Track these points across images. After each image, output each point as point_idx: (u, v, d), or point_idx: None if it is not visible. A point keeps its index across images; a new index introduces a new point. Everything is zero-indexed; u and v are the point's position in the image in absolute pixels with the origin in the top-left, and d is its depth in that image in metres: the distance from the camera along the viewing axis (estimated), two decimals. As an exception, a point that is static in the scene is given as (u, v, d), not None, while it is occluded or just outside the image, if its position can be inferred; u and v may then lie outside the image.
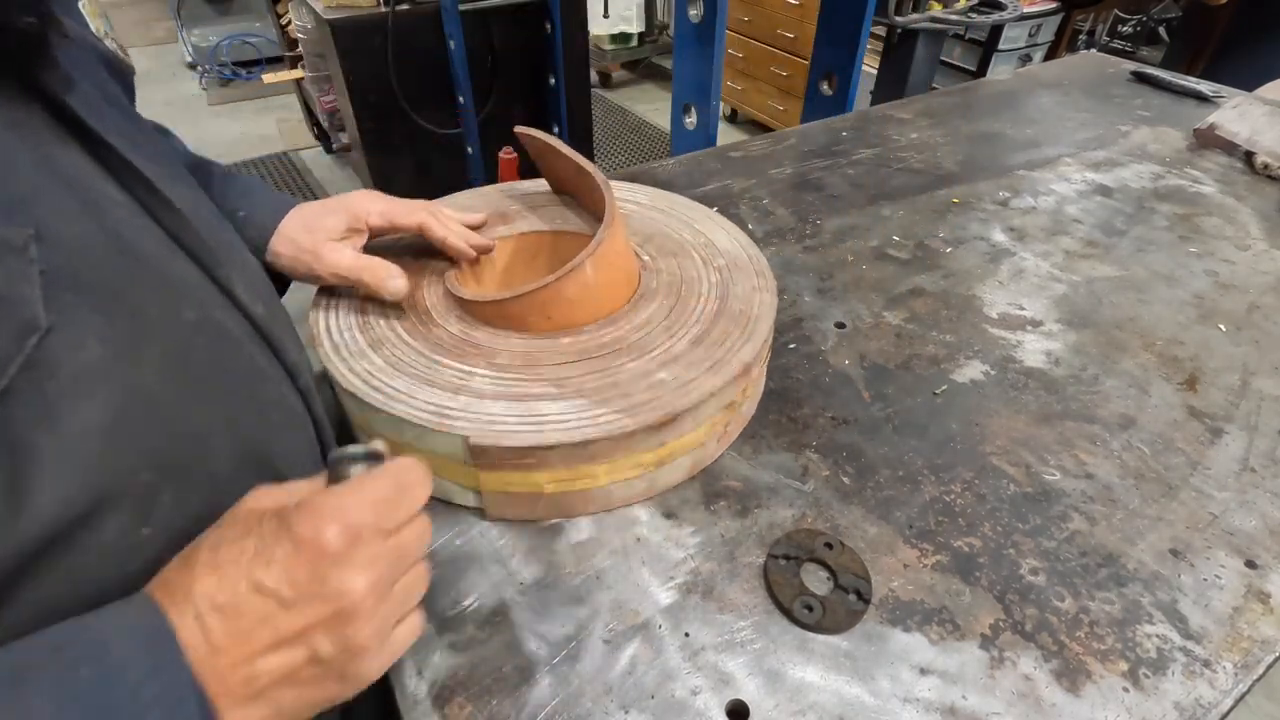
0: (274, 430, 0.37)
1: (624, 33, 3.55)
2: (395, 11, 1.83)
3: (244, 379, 0.35)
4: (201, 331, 0.32)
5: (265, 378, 0.37)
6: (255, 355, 0.36)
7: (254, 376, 0.36)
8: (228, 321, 0.35)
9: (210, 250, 0.34)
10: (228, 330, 0.34)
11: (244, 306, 0.36)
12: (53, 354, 0.25)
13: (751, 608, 0.45)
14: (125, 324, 0.28)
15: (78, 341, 0.26)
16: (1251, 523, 0.51)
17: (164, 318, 0.30)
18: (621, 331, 0.53)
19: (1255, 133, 0.99)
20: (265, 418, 0.36)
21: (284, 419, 0.38)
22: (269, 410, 0.37)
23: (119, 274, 0.28)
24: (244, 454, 0.34)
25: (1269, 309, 0.72)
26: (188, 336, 0.31)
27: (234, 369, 0.34)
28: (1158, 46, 2.79)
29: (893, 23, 1.48)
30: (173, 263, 0.32)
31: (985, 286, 0.74)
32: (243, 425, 0.34)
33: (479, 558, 0.47)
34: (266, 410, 0.36)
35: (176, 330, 0.31)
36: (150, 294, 0.30)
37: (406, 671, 0.41)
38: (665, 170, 0.95)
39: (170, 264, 0.32)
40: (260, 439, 0.35)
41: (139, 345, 0.28)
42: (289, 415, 0.39)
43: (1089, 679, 0.41)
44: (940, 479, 0.53)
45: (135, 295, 0.29)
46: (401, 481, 0.31)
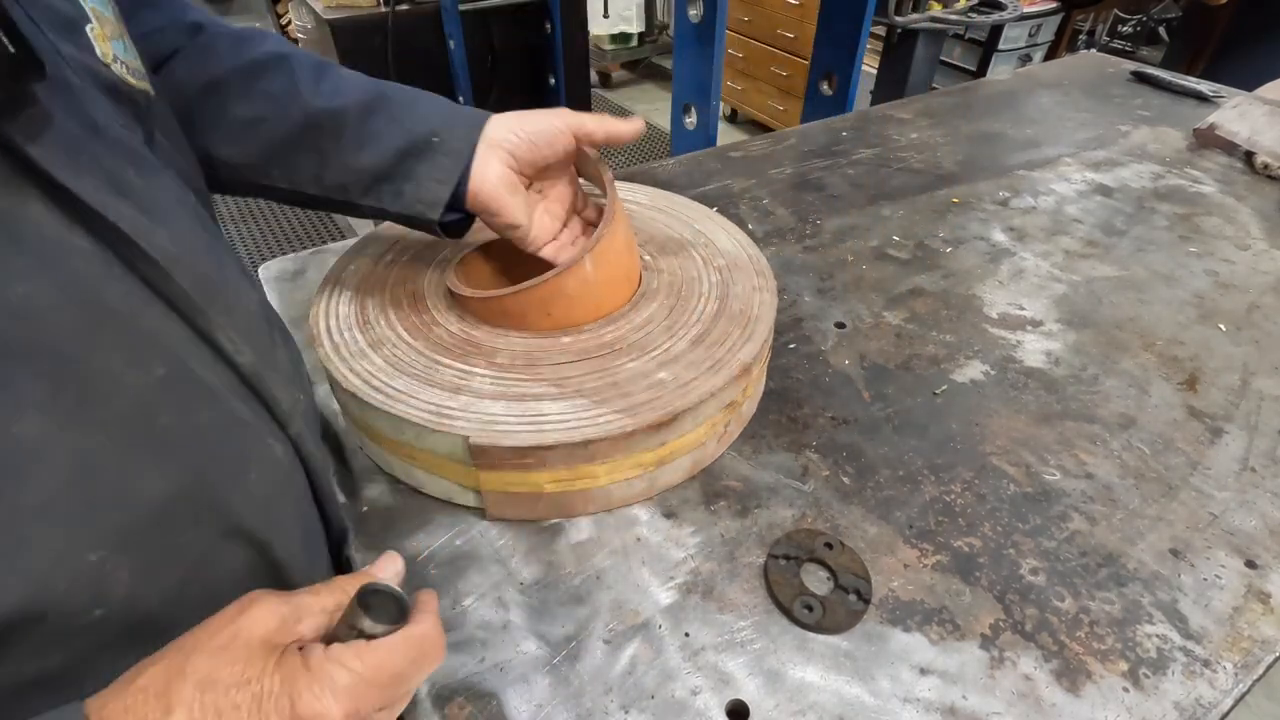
0: (254, 489, 0.34)
1: (624, 33, 3.55)
2: (395, 11, 1.83)
3: (220, 436, 0.32)
4: (172, 388, 0.30)
5: (248, 432, 0.34)
6: (237, 408, 0.34)
7: (233, 433, 0.33)
8: (206, 374, 0.32)
9: (191, 299, 0.31)
10: (205, 384, 0.32)
11: (228, 356, 0.34)
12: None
13: (751, 608, 0.45)
14: (75, 388, 0.26)
15: (11, 415, 0.24)
16: (1251, 523, 0.51)
17: (126, 376, 0.28)
18: (622, 331, 0.53)
19: (1255, 133, 0.99)
20: (243, 477, 0.34)
21: (268, 475, 0.36)
22: (249, 468, 0.34)
23: (72, 333, 0.26)
24: (217, 520, 0.32)
25: (1269, 309, 0.72)
26: (154, 395, 0.29)
27: (208, 426, 0.32)
28: (1158, 46, 2.79)
29: (893, 23, 1.48)
30: (145, 315, 0.30)
31: (985, 286, 0.74)
32: (216, 489, 0.32)
33: (479, 558, 0.47)
34: (245, 468, 0.34)
35: (141, 389, 0.28)
36: (111, 352, 0.27)
37: (406, 671, 0.41)
38: (665, 170, 0.95)
39: (142, 316, 0.30)
40: (236, 501, 0.33)
41: (92, 410, 0.26)
42: (274, 470, 0.36)
43: (1089, 679, 0.41)
44: (940, 479, 0.53)
45: (92, 355, 0.27)
46: (421, 656, 0.29)
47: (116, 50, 0.34)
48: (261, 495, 0.35)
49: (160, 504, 0.29)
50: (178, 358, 0.31)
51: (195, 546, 0.30)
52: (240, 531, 0.33)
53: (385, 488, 0.52)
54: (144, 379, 0.28)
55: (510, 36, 2.06)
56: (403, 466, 0.51)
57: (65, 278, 0.26)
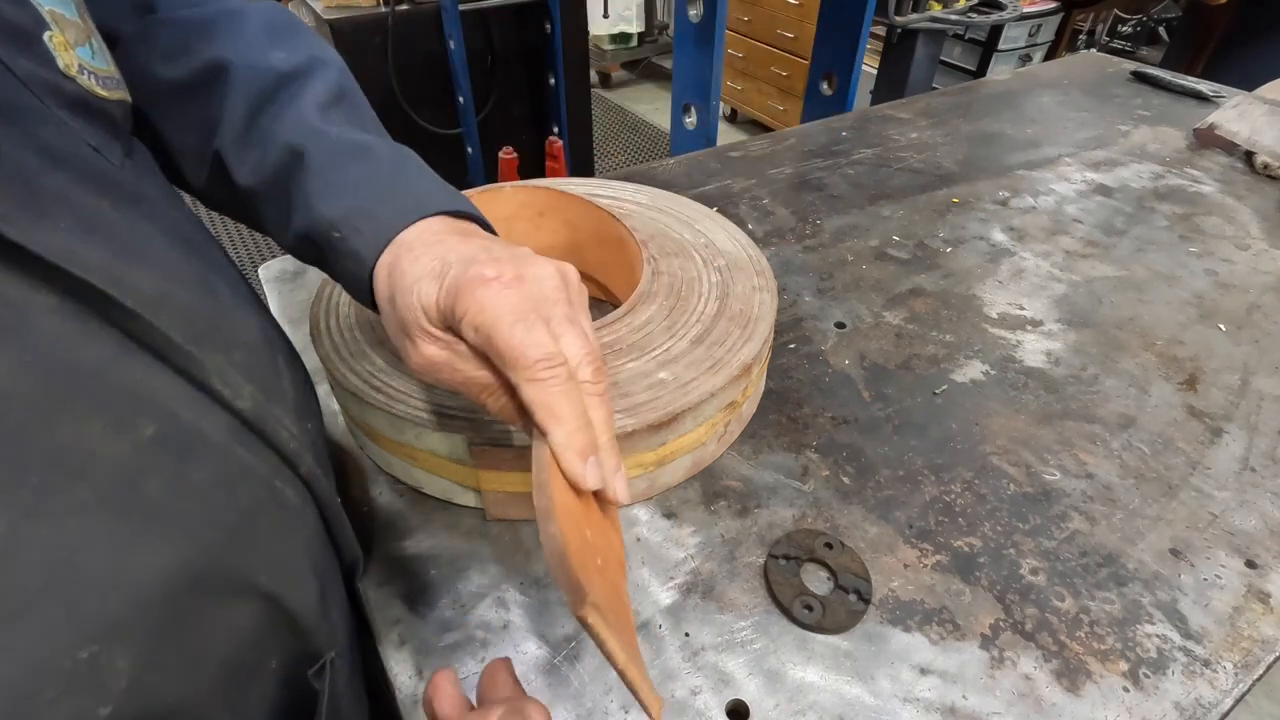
0: (264, 542, 0.31)
1: (624, 33, 3.55)
2: (395, 11, 1.83)
3: (223, 492, 0.29)
4: (163, 448, 0.26)
5: (253, 481, 0.31)
6: (240, 456, 0.30)
7: (236, 486, 0.30)
8: (202, 423, 0.29)
9: (179, 346, 0.28)
10: (201, 434, 0.28)
11: (225, 401, 0.30)
12: None
13: (751, 608, 0.45)
14: (42, 475, 0.22)
15: None
16: (1251, 522, 0.51)
17: (106, 445, 0.24)
18: (621, 331, 0.53)
19: (1255, 132, 0.99)
20: (251, 532, 0.30)
21: (278, 523, 0.32)
22: (257, 520, 0.31)
23: (35, 408, 0.23)
24: (224, 584, 0.29)
25: (1269, 309, 0.72)
26: (141, 460, 0.25)
27: (208, 484, 0.28)
28: (1158, 46, 2.80)
29: (892, 23, 1.47)
30: (128, 371, 0.26)
31: (985, 286, 0.74)
32: (221, 550, 0.28)
33: (479, 558, 0.47)
34: (253, 521, 0.31)
35: (123, 457, 0.25)
36: (86, 421, 0.24)
37: (406, 672, 0.41)
38: (665, 170, 0.95)
39: (124, 372, 0.26)
40: (244, 559, 0.30)
41: (64, 492, 0.23)
42: (284, 516, 0.33)
43: (1089, 679, 0.41)
44: (940, 479, 0.53)
45: (62, 430, 0.23)
46: None
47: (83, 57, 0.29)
48: (272, 546, 0.32)
49: (157, 581, 0.25)
50: (168, 412, 0.27)
51: (201, 615, 0.27)
52: (250, 589, 0.30)
53: (385, 488, 0.52)
54: (127, 445, 0.25)
55: (510, 36, 2.06)
56: (403, 466, 0.51)
57: (27, 344, 0.23)
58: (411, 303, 0.33)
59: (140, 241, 0.29)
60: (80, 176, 0.27)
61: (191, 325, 0.28)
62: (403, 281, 0.34)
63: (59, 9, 0.29)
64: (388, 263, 0.35)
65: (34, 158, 0.25)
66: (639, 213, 0.68)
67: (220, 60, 0.38)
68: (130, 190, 0.30)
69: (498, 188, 0.61)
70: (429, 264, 0.34)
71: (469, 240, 0.35)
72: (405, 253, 0.35)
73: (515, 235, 0.65)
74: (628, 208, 0.69)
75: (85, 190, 0.27)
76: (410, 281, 0.34)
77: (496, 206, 0.62)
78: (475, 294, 0.32)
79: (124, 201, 0.29)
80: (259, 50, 0.39)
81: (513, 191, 0.62)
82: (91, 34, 0.31)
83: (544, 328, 0.32)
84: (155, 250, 0.29)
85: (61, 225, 0.25)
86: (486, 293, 0.31)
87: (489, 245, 0.35)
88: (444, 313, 0.33)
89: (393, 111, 1.97)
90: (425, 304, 0.33)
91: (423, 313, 0.33)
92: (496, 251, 0.34)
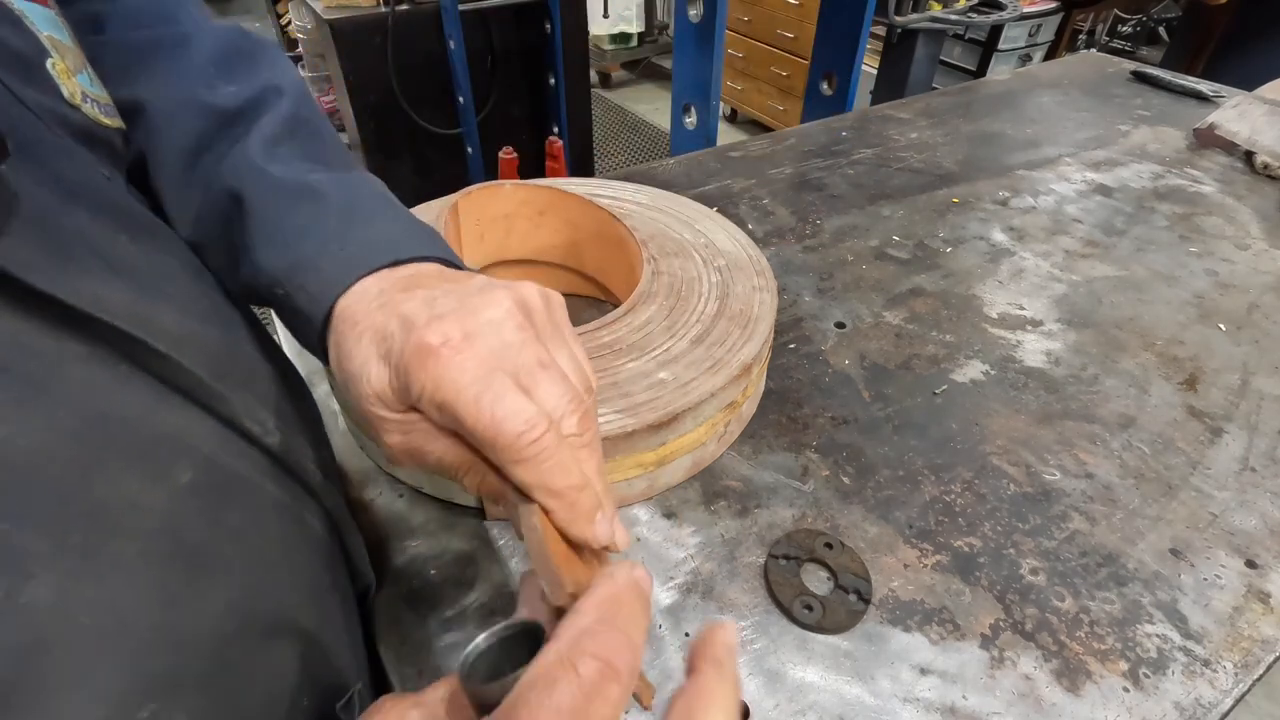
0: (300, 579, 0.30)
1: (624, 33, 3.55)
2: (395, 11, 1.83)
3: (259, 531, 0.28)
4: (200, 493, 0.25)
5: (286, 517, 0.30)
6: (272, 493, 0.29)
7: (271, 524, 0.29)
8: (237, 463, 0.28)
9: (207, 384, 0.26)
10: (238, 475, 0.28)
11: (255, 439, 0.29)
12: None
13: (751, 608, 0.45)
14: (84, 533, 0.21)
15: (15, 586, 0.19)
16: (1251, 522, 0.51)
17: (145, 496, 0.23)
18: (621, 331, 0.53)
19: (1255, 132, 0.99)
20: (288, 569, 0.30)
21: (310, 557, 0.31)
22: (292, 556, 0.30)
23: (75, 467, 0.21)
24: (266, 625, 0.27)
25: (1269, 309, 0.72)
26: (181, 507, 0.24)
27: (242, 522, 0.27)
28: (1158, 46, 2.80)
29: (892, 22, 1.48)
30: (162, 415, 0.25)
31: (985, 286, 0.74)
32: (263, 592, 0.27)
33: (479, 558, 0.47)
34: (289, 558, 0.30)
35: (164, 504, 0.24)
36: (124, 473, 0.23)
37: (406, 673, 0.41)
38: (665, 170, 0.95)
39: (158, 418, 0.25)
40: (283, 598, 0.29)
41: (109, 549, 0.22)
42: (315, 550, 0.32)
43: (1089, 679, 0.41)
44: (940, 479, 0.53)
45: (101, 485, 0.22)
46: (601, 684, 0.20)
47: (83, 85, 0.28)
48: (305, 582, 0.31)
49: (207, 630, 0.24)
50: (204, 455, 0.26)
51: (245, 661, 0.26)
52: (289, 628, 0.29)
53: (385, 488, 0.52)
54: (164, 493, 0.24)
55: (510, 36, 2.06)
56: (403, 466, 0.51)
57: (60, 398, 0.22)
58: (363, 391, 0.29)
59: (160, 277, 0.27)
60: (97, 210, 0.26)
61: (216, 362, 0.27)
62: (349, 366, 0.29)
63: (56, 34, 0.27)
64: (336, 342, 0.30)
65: (51, 194, 0.24)
66: (639, 213, 0.68)
67: (141, 101, 0.35)
68: (143, 222, 0.29)
69: (498, 185, 0.61)
70: (371, 342, 0.29)
71: (412, 295, 0.30)
72: (348, 330, 0.30)
73: (516, 234, 0.64)
74: (628, 208, 0.69)
75: (103, 225, 0.25)
76: (357, 366, 0.29)
77: (497, 204, 0.62)
78: (426, 368, 0.27)
79: (141, 234, 0.28)
80: (203, 84, 0.36)
81: (513, 189, 0.62)
82: (85, 60, 0.29)
83: (513, 388, 0.27)
84: (175, 285, 0.28)
85: (86, 267, 0.23)
86: (437, 365, 0.26)
87: (432, 298, 0.29)
88: (399, 394, 0.28)
89: (393, 111, 1.97)
90: (378, 390, 0.28)
91: (377, 400, 0.29)
92: (440, 306, 0.28)
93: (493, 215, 0.63)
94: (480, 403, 0.26)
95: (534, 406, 0.27)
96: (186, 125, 0.35)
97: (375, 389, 0.28)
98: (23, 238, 0.21)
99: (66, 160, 0.26)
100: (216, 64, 0.36)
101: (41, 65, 0.26)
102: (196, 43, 0.37)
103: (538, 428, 0.26)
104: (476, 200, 0.59)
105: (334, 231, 0.32)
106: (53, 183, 0.24)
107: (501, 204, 0.63)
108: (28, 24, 0.26)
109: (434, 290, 0.30)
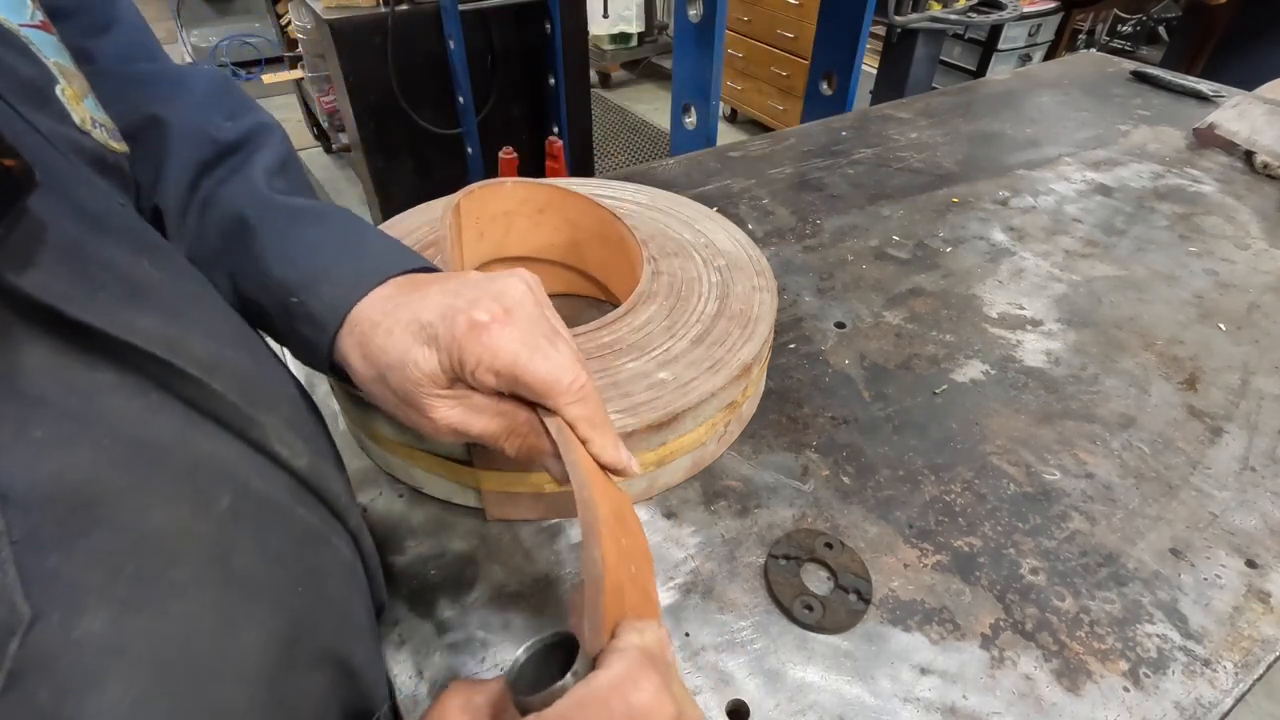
0: (333, 602, 0.30)
1: (624, 33, 3.55)
2: (395, 11, 1.83)
3: (296, 556, 0.28)
4: (241, 517, 0.25)
5: (318, 541, 0.30)
6: (304, 517, 0.30)
7: (305, 547, 0.29)
8: (270, 488, 0.28)
9: (238, 408, 0.27)
10: (271, 500, 0.28)
11: (285, 462, 0.29)
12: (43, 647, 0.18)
13: (752, 608, 0.45)
14: (138, 562, 0.21)
15: (71, 620, 0.19)
16: (1251, 522, 0.51)
17: (191, 523, 0.23)
18: (621, 331, 0.53)
19: (1255, 132, 0.99)
20: (323, 593, 0.30)
21: (341, 581, 0.32)
22: (326, 580, 0.30)
23: (125, 496, 0.22)
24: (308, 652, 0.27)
25: (1269, 308, 0.72)
26: (224, 533, 0.24)
27: (281, 547, 0.27)
28: (1157, 46, 2.79)
29: (892, 22, 1.48)
30: (198, 441, 0.25)
31: (985, 286, 0.74)
32: (304, 617, 0.27)
33: (479, 558, 0.47)
34: (323, 582, 0.30)
35: (212, 530, 0.24)
36: (170, 500, 0.23)
37: (407, 672, 0.41)
38: (665, 170, 0.95)
39: (196, 444, 0.25)
40: (321, 623, 0.29)
41: (162, 578, 0.22)
42: (344, 573, 0.32)
43: (1089, 679, 0.41)
44: (940, 479, 0.53)
45: (150, 513, 0.22)
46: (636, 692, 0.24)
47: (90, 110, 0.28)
48: (339, 606, 0.31)
49: (258, 658, 0.24)
50: (240, 481, 0.26)
51: (289, 689, 0.26)
52: (327, 655, 0.29)
53: (385, 488, 0.52)
54: (211, 519, 0.24)
55: (510, 36, 2.06)
56: (403, 467, 0.51)
57: (101, 428, 0.22)
58: (411, 376, 0.33)
59: (183, 301, 0.27)
60: (120, 238, 0.26)
61: (245, 386, 0.27)
62: (386, 358, 0.33)
63: (62, 60, 0.27)
64: (357, 342, 0.34)
65: (75, 222, 0.24)
66: (639, 213, 0.68)
67: (160, 117, 0.37)
68: (158, 246, 0.29)
69: (499, 182, 0.61)
70: (406, 333, 0.33)
71: (426, 293, 0.34)
72: (371, 330, 0.33)
73: (515, 231, 0.64)
74: (628, 208, 0.69)
75: (126, 251, 0.26)
76: (398, 357, 0.33)
77: (497, 202, 0.62)
78: (481, 341, 0.31)
79: (161, 259, 0.28)
80: (202, 116, 0.38)
81: (514, 187, 0.62)
82: (89, 86, 0.29)
83: (553, 349, 0.33)
84: (198, 309, 0.28)
85: (115, 295, 0.23)
86: (490, 337, 0.32)
87: (454, 288, 0.34)
88: (451, 371, 0.33)
89: (393, 111, 1.97)
90: (428, 372, 0.33)
91: (428, 381, 0.33)
92: (466, 293, 0.33)
93: (492, 213, 0.62)
94: (534, 361, 0.32)
95: (573, 361, 0.33)
96: (192, 150, 0.37)
97: (425, 371, 0.32)
98: (53, 268, 0.21)
99: (85, 187, 0.26)
100: (212, 101, 0.39)
101: (51, 92, 0.26)
102: (192, 80, 0.39)
103: (581, 376, 0.33)
104: (478, 198, 0.59)
105: (343, 247, 0.36)
106: (75, 210, 0.24)
107: (502, 201, 0.63)
108: (35, 51, 0.26)
109: (444, 286, 0.34)
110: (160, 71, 0.39)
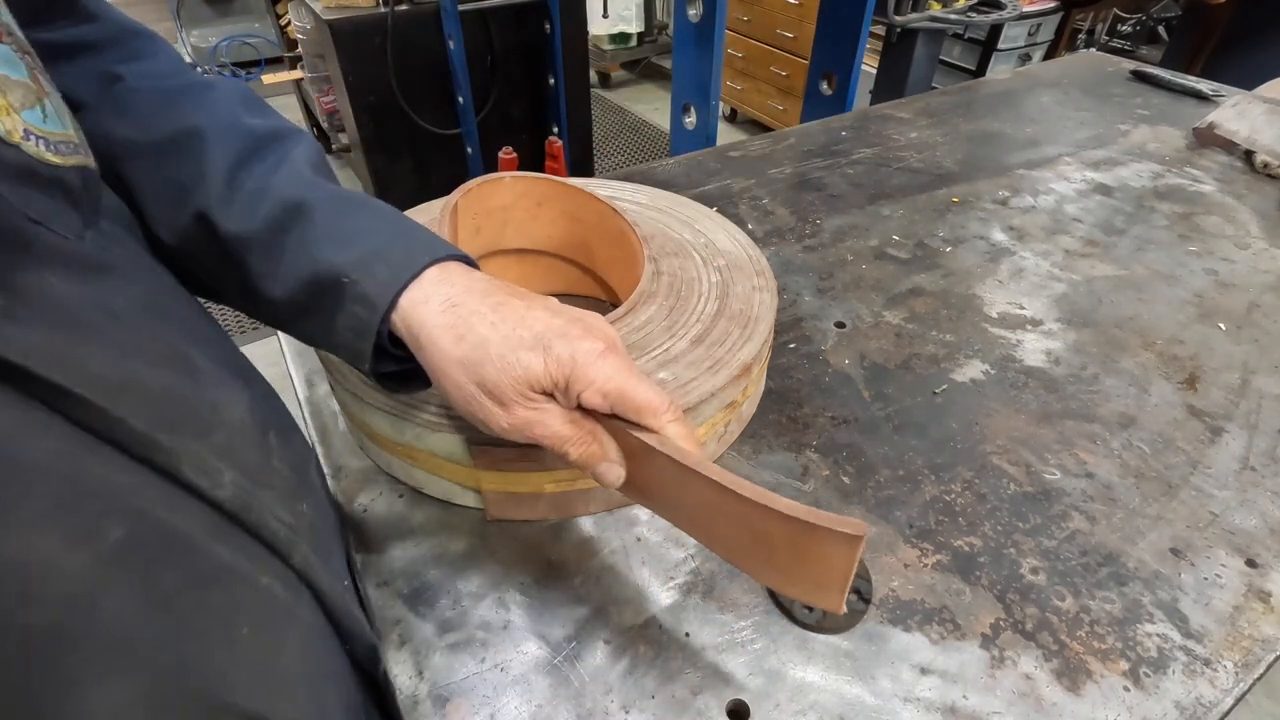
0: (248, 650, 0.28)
1: (623, 33, 3.55)
2: (395, 11, 1.83)
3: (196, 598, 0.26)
4: (130, 554, 0.23)
5: (233, 580, 0.28)
6: (218, 553, 0.27)
7: (213, 588, 0.27)
8: (176, 520, 0.26)
9: (143, 434, 0.25)
10: (176, 534, 0.26)
11: (202, 493, 0.27)
12: None
13: (752, 608, 0.45)
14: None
15: None
16: (1252, 522, 0.51)
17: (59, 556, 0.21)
18: (621, 331, 0.53)
19: (1254, 131, 0.99)
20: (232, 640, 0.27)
21: (264, 626, 0.29)
22: (239, 625, 0.27)
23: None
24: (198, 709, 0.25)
25: (1269, 308, 0.72)
26: (102, 572, 0.22)
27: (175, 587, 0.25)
28: (1157, 45, 2.79)
29: (892, 22, 1.48)
30: (87, 466, 0.23)
31: (985, 286, 0.74)
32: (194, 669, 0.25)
33: (479, 558, 0.47)
34: (234, 627, 0.27)
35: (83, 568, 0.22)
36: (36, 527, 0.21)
37: (407, 672, 0.41)
38: (665, 170, 0.95)
39: (83, 470, 0.23)
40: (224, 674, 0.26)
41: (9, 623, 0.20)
42: (272, 617, 0.29)
43: (1089, 678, 0.41)
44: (940, 478, 0.53)
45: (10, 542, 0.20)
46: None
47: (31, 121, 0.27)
48: (256, 654, 0.28)
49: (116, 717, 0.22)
50: (136, 511, 0.24)
51: None
52: (230, 710, 0.26)
53: (385, 488, 0.52)
54: (87, 555, 0.22)
55: (510, 36, 2.06)
56: (403, 467, 0.51)
57: None
58: (513, 374, 0.35)
59: (97, 318, 0.26)
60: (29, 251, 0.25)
61: (159, 410, 0.26)
62: (489, 350, 0.35)
63: (5, 70, 0.26)
64: (450, 324, 0.36)
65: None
66: (639, 212, 0.68)
67: (195, 127, 0.38)
68: (89, 261, 0.28)
69: (497, 177, 0.61)
70: (512, 333, 0.36)
71: (531, 305, 0.38)
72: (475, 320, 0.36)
73: (513, 224, 0.65)
74: (628, 207, 0.69)
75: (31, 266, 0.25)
76: (501, 351, 0.35)
77: (496, 196, 0.62)
78: (596, 367, 0.36)
79: (79, 274, 0.27)
80: (233, 115, 0.39)
81: (512, 181, 0.62)
82: (45, 96, 0.28)
83: (646, 379, 0.37)
84: (118, 327, 0.27)
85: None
86: (604, 365, 0.36)
87: (563, 312, 0.38)
88: (554, 383, 0.36)
89: (393, 111, 1.97)
90: (532, 376, 0.35)
91: (527, 384, 0.36)
92: (578, 323, 0.38)
93: (490, 208, 0.63)
94: (640, 388, 0.36)
95: (660, 388, 0.38)
96: (231, 143, 0.38)
97: (529, 376, 0.35)
98: None
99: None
100: (241, 103, 0.41)
101: None
102: (219, 87, 0.41)
103: (671, 403, 0.37)
104: (476, 195, 0.59)
105: (392, 231, 0.38)
106: None
107: (500, 196, 0.63)
108: None
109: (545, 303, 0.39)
110: (189, 84, 0.40)
